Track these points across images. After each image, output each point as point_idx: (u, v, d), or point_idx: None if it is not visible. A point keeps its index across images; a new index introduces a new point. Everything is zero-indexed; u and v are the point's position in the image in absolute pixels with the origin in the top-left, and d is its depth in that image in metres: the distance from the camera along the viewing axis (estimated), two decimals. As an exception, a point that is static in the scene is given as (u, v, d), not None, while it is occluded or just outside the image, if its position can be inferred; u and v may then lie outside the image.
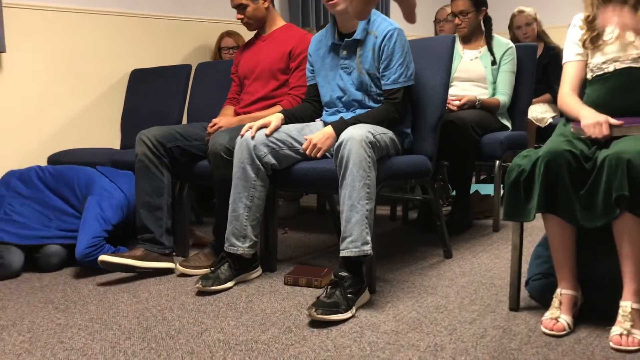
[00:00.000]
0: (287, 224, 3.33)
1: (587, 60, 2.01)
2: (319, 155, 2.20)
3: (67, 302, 2.17)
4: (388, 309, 1.99)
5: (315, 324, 1.88)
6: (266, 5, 2.71)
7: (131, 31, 3.74)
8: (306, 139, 2.23)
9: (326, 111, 2.46)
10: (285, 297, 2.14)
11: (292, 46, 2.64)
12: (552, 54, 3.91)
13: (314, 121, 2.47)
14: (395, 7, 5.63)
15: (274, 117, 2.30)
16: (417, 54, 2.49)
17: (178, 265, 2.30)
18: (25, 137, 3.24)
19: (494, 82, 3.21)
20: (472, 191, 3.23)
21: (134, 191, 2.50)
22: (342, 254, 1.99)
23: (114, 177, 2.65)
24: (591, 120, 1.84)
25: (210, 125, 2.56)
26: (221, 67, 3.32)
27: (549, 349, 1.66)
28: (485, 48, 3.25)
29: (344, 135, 2.01)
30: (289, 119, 2.36)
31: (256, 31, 2.82)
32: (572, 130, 1.91)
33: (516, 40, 3.95)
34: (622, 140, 1.76)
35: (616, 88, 1.93)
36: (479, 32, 3.30)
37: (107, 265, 2.32)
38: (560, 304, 1.79)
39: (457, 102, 3.01)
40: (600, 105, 1.92)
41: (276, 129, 2.27)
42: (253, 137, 2.22)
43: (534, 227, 3.06)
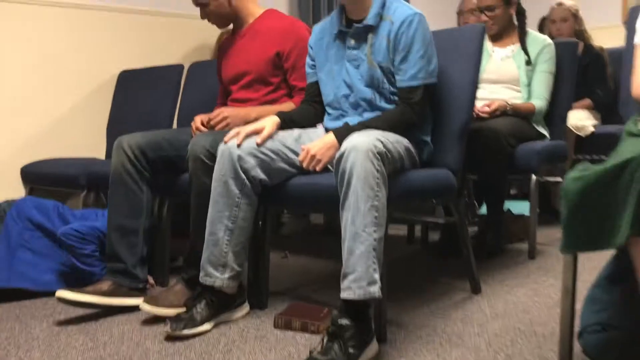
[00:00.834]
0: (290, 244, 2.91)
1: None
2: (318, 168, 1.79)
3: (10, 345, 1.77)
4: (401, 366, 1.56)
5: (306, 388, 1.46)
6: None
7: (120, 27, 3.37)
8: (303, 149, 1.82)
9: (328, 115, 2.04)
10: (273, 345, 1.72)
11: (279, 44, 2.20)
12: (594, 54, 3.44)
13: (314, 127, 2.06)
14: None
15: (268, 122, 1.89)
16: (439, 48, 2.06)
17: (143, 304, 1.87)
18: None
19: (529, 85, 2.77)
20: (502, 210, 2.78)
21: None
22: (343, 295, 1.57)
23: None
24: None
25: (215, 114, 2.13)
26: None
27: None
28: (518, 45, 2.81)
29: (347, 144, 1.60)
30: (286, 123, 1.94)
31: (233, 26, 2.39)
32: None
33: (549, 37, 3.50)
34: None
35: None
36: (510, 27, 2.86)
37: (66, 302, 1.92)
38: None
39: (487, 109, 2.57)
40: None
41: (269, 136, 1.86)
42: (239, 145, 1.82)
43: (582, 264, 2.60)
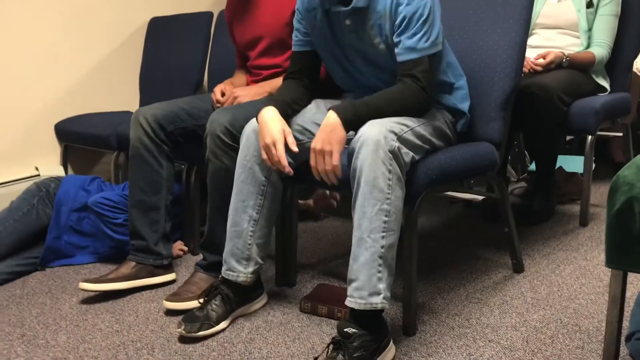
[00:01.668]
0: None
1: None
2: (337, 173, 1.49)
3: (39, 325, 1.78)
4: (428, 367, 1.47)
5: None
6: None
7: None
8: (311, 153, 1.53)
9: (350, 92, 1.82)
10: (297, 334, 1.66)
11: (294, 2, 1.98)
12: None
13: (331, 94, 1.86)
14: None
15: (280, 122, 1.61)
16: (477, 3, 1.83)
17: (165, 302, 1.79)
18: (27, 104, 2.83)
19: (589, 30, 2.48)
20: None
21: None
22: (347, 302, 1.45)
23: None
24: None
25: (227, 96, 2.01)
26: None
27: None
28: (578, -16, 2.51)
29: (358, 137, 1.42)
30: (287, 113, 1.68)
31: None
32: None
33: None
34: None
35: None
36: (570, -37, 2.55)
37: (90, 292, 1.91)
38: None
39: (542, 61, 2.32)
40: None
41: (291, 134, 1.63)
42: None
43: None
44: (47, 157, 2.89)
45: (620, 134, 2.64)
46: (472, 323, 1.67)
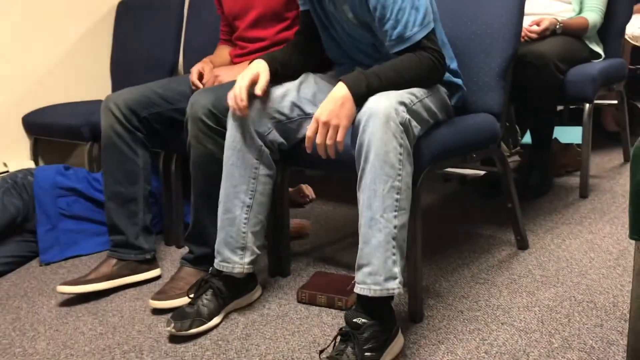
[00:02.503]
0: (310, 185, 2.68)
1: None
2: (340, 146, 1.36)
3: (15, 332, 1.64)
4: (440, 357, 1.37)
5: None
6: None
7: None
8: (312, 123, 1.38)
9: (338, 66, 1.72)
10: (296, 327, 1.54)
11: None
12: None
13: (320, 70, 1.74)
14: None
15: (259, 65, 1.55)
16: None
17: (151, 301, 1.66)
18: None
19: (581, -6, 2.39)
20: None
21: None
22: (357, 289, 1.34)
23: None
24: None
25: (206, 77, 1.88)
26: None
27: None
28: (568, -53, 2.41)
29: (364, 110, 1.31)
30: (276, 64, 1.60)
31: None
32: None
33: None
34: None
35: None
36: None
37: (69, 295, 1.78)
38: None
39: (536, 28, 2.22)
40: None
41: (267, 80, 1.55)
42: (260, 97, 1.53)
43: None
44: (16, 151, 2.72)
45: (614, 101, 2.55)
46: (482, 305, 1.57)
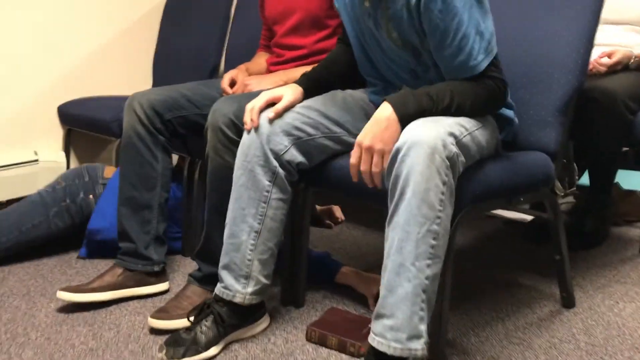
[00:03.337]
0: (346, 206, 2.51)
1: None
2: (376, 181, 1.24)
3: (6, 334, 1.53)
4: None
5: None
6: None
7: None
8: (355, 149, 1.26)
9: (371, 86, 1.55)
10: (300, 370, 1.38)
11: None
12: None
13: (354, 81, 1.58)
14: None
15: (289, 88, 1.44)
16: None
17: (151, 320, 1.53)
18: (28, 83, 2.60)
19: (662, 26, 2.15)
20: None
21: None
22: (374, 343, 1.18)
23: None
24: None
25: (237, 85, 1.76)
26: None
27: None
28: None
29: (406, 137, 1.15)
30: (313, 90, 1.48)
31: None
32: None
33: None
34: None
35: None
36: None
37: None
38: None
39: (607, 61, 2.00)
40: None
41: (291, 106, 1.42)
42: (271, 120, 1.40)
43: None
44: (49, 141, 2.67)
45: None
46: (513, 372, 1.37)
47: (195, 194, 1.99)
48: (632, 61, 2.04)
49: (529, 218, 2.02)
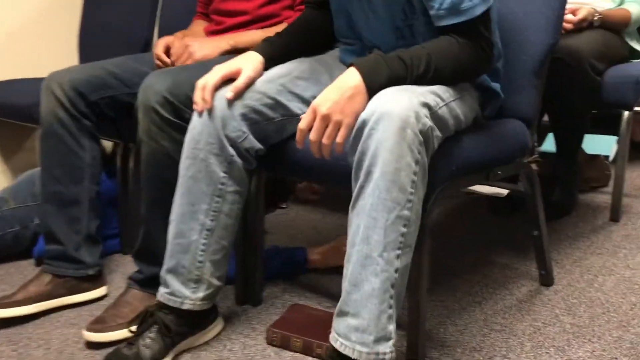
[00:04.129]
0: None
1: None
2: (338, 148, 1.05)
3: None
4: None
5: None
6: None
7: None
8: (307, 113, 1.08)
9: (345, 45, 1.36)
10: (262, 380, 1.21)
11: None
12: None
13: (325, 49, 1.41)
14: None
15: (247, 63, 1.22)
16: None
17: (86, 332, 1.33)
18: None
19: (623, -17, 2.05)
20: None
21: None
22: (336, 344, 1.03)
23: None
24: None
25: (176, 50, 1.52)
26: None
27: None
28: None
29: (373, 106, 0.98)
30: (275, 61, 1.28)
31: None
32: None
33: None
34: None
35: None
36: None
37: None
38: None
39: (572, 18, 1.88)
40: None
41: (251, 82, 1.22)
42: (231, 100, 1.19)
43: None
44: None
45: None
46: (499, 365, 1.24)
47: (132, 184, 1.77)
48: (595, 18, 1.93)
49: (505, 192, 1.89)
